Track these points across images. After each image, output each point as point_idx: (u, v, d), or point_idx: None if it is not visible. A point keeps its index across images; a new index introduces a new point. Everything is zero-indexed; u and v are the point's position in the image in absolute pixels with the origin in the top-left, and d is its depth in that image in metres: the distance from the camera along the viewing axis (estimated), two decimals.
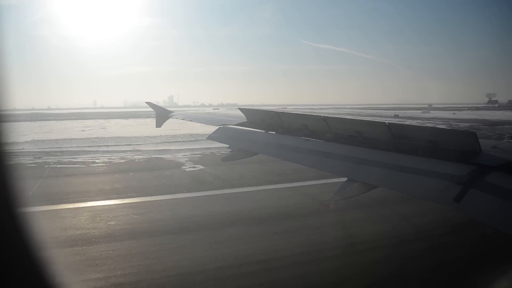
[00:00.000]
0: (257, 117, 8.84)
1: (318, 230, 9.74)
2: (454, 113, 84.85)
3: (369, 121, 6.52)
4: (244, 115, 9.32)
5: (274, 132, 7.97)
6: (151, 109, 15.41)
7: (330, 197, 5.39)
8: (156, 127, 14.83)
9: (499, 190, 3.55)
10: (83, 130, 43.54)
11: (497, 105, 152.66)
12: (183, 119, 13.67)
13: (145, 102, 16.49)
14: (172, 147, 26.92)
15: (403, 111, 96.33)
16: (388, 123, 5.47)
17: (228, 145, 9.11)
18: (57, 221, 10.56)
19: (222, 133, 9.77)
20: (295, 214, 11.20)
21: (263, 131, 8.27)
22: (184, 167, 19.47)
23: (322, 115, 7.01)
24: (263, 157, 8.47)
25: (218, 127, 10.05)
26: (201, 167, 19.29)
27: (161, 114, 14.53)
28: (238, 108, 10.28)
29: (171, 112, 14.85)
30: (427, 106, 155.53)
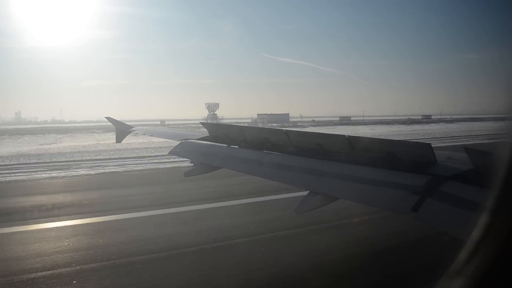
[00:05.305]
0: (220, 131, 8.71)
1: None
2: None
3: (329, 134, 6.55)
4: (206, 130, 9.17)
5: (236, 146, 7.89)
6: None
7: (293, 210, 5.32)
8: (116, 142, 14.31)
9: (453, 199, 3.63)
10: None
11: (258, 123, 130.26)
12: (144, 134, 13.30)
13: (105, 117, 15.93)
14: None
15: None
16: (348, 136, 5.52)
17: (190, 160, 8.90)
18: None
19: (184, 148, 9.55)
20: None
21: (226, 145, 8.16)
22: None
23: (284, 128, 7.01)
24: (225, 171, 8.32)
25: (180, 141, 9.84)
26: None
27: (121, 130, 14.11)
28: (200, 122, 10.13)
29: (131, 127, 14.43)
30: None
